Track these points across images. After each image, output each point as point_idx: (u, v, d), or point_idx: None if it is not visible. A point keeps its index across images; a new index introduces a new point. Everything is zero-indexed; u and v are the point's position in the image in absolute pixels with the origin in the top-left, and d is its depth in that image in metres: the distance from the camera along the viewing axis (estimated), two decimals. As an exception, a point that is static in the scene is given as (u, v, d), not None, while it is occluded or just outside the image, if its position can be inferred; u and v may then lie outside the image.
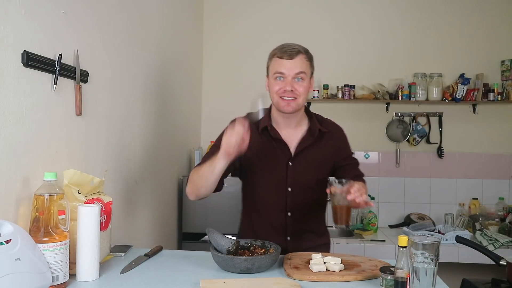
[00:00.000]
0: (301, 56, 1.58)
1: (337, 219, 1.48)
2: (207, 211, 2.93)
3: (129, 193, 2.06)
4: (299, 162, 1.66)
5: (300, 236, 1.70)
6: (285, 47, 1.59)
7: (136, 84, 2.14)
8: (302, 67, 1.58)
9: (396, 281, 1.14)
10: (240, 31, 3.59)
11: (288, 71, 1.57)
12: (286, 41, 1.65)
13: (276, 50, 1.61)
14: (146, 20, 2.27)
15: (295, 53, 1.57)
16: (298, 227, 1.69)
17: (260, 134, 1.67)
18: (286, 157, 1.66)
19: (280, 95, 1.59)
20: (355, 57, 3.51)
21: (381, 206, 3.46)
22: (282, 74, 1.58)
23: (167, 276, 1.32)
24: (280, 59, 1.58)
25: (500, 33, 3.44)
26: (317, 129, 1.67)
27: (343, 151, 1.74)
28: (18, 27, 1.21)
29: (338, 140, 1.73)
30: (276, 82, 1.59)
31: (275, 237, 1.64)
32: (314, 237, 1.74)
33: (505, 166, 3.43)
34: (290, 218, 1.68)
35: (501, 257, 1.62)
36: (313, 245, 1.68)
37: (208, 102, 3.59)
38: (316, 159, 1.68)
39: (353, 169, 1.74)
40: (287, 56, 1.57)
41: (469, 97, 3.31)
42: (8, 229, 1.06)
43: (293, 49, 1.58)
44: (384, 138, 3.51)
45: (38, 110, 1.31)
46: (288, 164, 1.66)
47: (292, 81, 1.57)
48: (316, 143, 1.68)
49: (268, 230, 1.69)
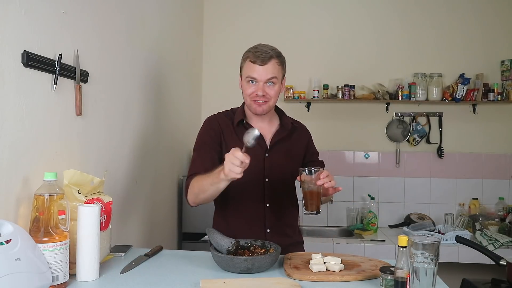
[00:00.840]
0: (273, 61, 1.63)
1: (308, 205, 1.53)
2: (207, 211, 2.91)
3: (129, 193, 2.06)
4: (275, 153, 1.73)
5: (279, 230, 1.73)
6: (258, 51, 1.63)
7: (136, 84, 2.14)
8: (274, 72, 1.63)
9: (396, 281, 1.14)
10: (240, 31, 3.59)
11: (260, 76, 1.62)
12: (286, 41, 1.66)
13: (250, 54, 1.65)
14: (146, 20, 2.27)
15: (268, 59, 1.62)
16: (276, 219, 1.72)
17: (235, 127, 1.73)
18: (262, 149, 1.72)
19: (253, 98, 1.66)
20: (355, 57, 3.52)
21: (381, 206, 3.46)
22: (255, 79, 1.64)
23: (167, 276, 1.32)
24: (253, 64, 1.63)
25: (500, 33, 3.44)
26: (289, 124, 1.78)
27: (310, 146, 1.84)
28: (18, 27, 1.21)
29: (306, 136, 1.85)
30: (249, 85, 1.66)
31: (254, 230, 1.68)
32: (291, 232, 1.78)
33: (505, 166, 3.43)
34: (268, 209, 1.71)
35: (501, 257, 1.62)
36: (292, 241, 1.74)
37: (208, 102, 3.59)
38: (289, 151, 1.76)
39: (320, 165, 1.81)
40: (260, 62, 1.61)
41: (469, 97, 3.31)
42: (8, 229, 1.06)
43: (265, 54, 1.62)
44: (384, 138, 3.51)
45: (38, 110, 1.31)
46: (265, 156, 1.72)
47: (263, 86, 1.63)
48: (288, 137, 1.77)
49: (246, 223, 1.70)
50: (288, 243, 1.67)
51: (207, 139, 1.70)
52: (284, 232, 1.74)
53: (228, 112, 1.79)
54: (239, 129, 1.70)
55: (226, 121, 1.74)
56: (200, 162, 1.65)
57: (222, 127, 1.72)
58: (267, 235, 1.70)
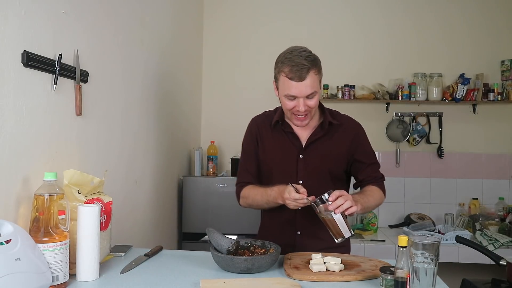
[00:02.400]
0: (311, 73, 1.51)
1: (332, 233, 1.45)
2: (207, 211, 2.93)
3: (129, 193, 2.06)
4: (310, 154, 1.66)
5: (310, 233, 1.66)
6: (294, 65, 1.50)
7: (136, 84, 2.14)
8: (312, 86, 1.53)
9: (396, 281, 1.14)
10: (240, 31, 3.59)
11: (300, 93, 1.53)
12: (286, 41, 1.63)
13: (285, 67, 1.52)
14: (146, 20, 2.27)
15: (306, 72, 1.50)
16: (308, 222, 1.65)
17: (272, 128, 1.70)
18: (297, 150, 1.67)
19: (294, 113, 1.59)
20: (355, 57, 3.52)
21: (381, 206, 3.40)
22: (295, 96, 1.54)
23: (167, 276, 1.32)
24: (290, 80, 1.51)
25: (500, 33, 3.44)
26: (327, 122, 1.66)
27: (358, 145, 1.70)
28: (18, 27, 1.21)
29: (353, 133, 1.70)
30: (289, 100, 1.57)
31: (285, 232, 1.66)
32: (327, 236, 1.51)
33: (505, 166, 3.43)
34: (299, 211, 1.61)
35: (501, 257, 1.62)
36: (326, 245, 1.57)
37: (208, 102, 3.59)
38: (328, 151, 1.66)
39: (370, 169, 1.71)
40: (298, 79, 1.50)
41: (469, 97, 3.31)
42: (8, 229, 1.06)
43: (302, 68, 1.49)
44: (384, 138, 3.51)
45: (38, 110, 1.31)
46: (298, 157, 1.67)
47: (304, 100, 1.54)
48: (327, 135, 1.67)
49: (278, 225, 1.70)
50: (321, 247, 1.56)
51: (246, 147, 1.77)
52: (316, 235, 1.63)
53: (270, 112, 1.76)
54: (276, 130, 1.70)
55: (265, 121, 1.73)
56: (245, 171, 1.74)
57: (260, 129, 1.73)
58: (297, 238, 1.67)
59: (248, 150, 1.75)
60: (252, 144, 1.73)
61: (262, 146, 1.71)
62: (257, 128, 1.74)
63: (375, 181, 1.70)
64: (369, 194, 1.63)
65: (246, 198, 1.70)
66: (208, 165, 3.19)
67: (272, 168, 1.70)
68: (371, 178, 1.70)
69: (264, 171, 1.73)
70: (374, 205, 1.65)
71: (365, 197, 1.58)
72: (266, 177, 1.72)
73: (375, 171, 1.73)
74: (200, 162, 3.14)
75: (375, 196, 1.65)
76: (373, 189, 1.67)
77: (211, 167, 3.17)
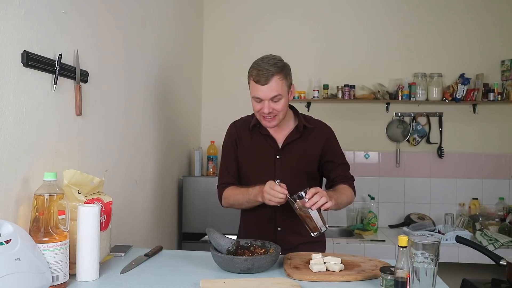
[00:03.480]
0: (275, 78, 1.63)
1: (309, 228, 1.53)
2: (207, 211, 2.93)
3: (129, 193, 2.06)
4: (286, 155, 1.77)
5: (291, 229, 1.75)
6: (260, 70, 1.63)
7: (136, 84, 2.14)
8: (277, 90, 1.64)
9: (396, 281, 1.14)
10: (240, 31, 3.59)
11: (264, 95, 1.64)
12: (286, 41, 1.65)
13: (253, 71, 1.66)
14: (146, 20, 2.27)
15: (270, 76, 1.62)
16: (288, 218, 1.72)
17: (250, 132, 1.81)
18: (274, 151, 1.78)
19: (261, 115, 1.70)
20: (355, 57, 3.51)
21: (381, 206, 3.46)
22: (259, 98, 1.66)
23: (167, 276, 1.32)
24: (256, 83, 1.64)
25: (500, 33, 3.44)
26: (302, 125, 1.79)
27: (330, 146, 1.82)
28: (18, 27, 1.21)
29: (325, 136, 1.82)
30: (256, 103, 1.69)
31: (266, 229, 1.75)
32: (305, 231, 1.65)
33: (505, 166, 3.43)
34: (279, 208, 1.72)
35: (501, 257, 1.62)
36: (305, 240, 1.71)
37: (208, 102, 3.60)
38: (302, 152, 1.78)
39: (340, 168, 1.81)
40: (262, 82, 1.62)
41: (469, 97, 3.31)
42: (8, 229, 1.06)
43: (267, 72, 1.62)
44: (384, 138, 3.51)
45: (38, 110, 1.31)
46: (276, 157, 1.77)
47: (269, 103, 1.65)
48: (301, 138, 1.78)
49: (259, 222, 1.80)
50: (300, 242, 1.72)
51: (226, 150, 1.86)
52: (295, 230, 1.73)
53: (248, 117, 1.89)
54: (254, 133, 1.81)
55: (243, 125, 1.84)
56: (226, 173, 1.83)
57: (239, 132, 1.83)
58: (277, 233, 1.76)
59: (228, 153, 1.85)
60: (232, 147, 1.83)
61: (242, 148, 1.82)
62: (236, 132, 1.84)
63: (345, 180, 1.80)
64: (342, 191, 1.74)
65: (227, 199, 1.80)
66: (208, 165, 3.19)
67: (251, 168, 1.80)
68: (342, 177, 1.81)
69: (244, 172, 1.83)
70: (346, 202, 1.74)
71: (338, 194, 1.69)
72: (245, 178, 1.82)
73: (345, 171, 1.83)
74: (200, 162, 3.14)
75: (347, 193, 1.76)
76: (345, 187, 1.77)
77: (211, 167, 3.17)
